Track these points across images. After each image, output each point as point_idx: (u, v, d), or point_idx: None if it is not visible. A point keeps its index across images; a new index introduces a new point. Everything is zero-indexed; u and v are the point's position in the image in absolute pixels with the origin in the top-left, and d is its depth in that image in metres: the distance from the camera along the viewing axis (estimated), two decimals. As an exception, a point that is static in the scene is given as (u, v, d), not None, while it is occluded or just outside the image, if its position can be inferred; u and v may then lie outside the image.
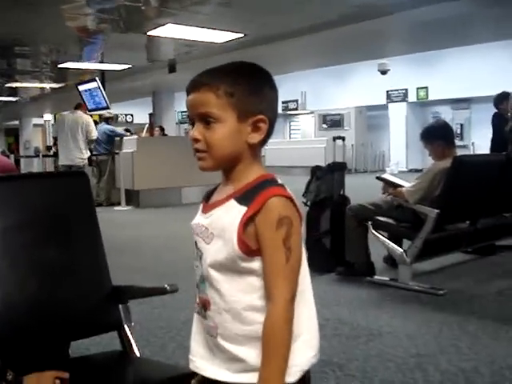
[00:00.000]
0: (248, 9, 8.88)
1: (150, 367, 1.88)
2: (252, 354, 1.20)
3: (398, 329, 3.55)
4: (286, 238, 1.17)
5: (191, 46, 11.26)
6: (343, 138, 18.29)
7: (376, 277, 4.67)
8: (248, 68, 1.28)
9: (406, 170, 19.18)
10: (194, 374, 1.36)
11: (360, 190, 7.61)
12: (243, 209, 1.20)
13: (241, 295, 1.21)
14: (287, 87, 22.44)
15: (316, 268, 4.94)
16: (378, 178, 4.98)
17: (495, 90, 8.00)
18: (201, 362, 1.29)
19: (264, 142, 1.27)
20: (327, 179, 5.03)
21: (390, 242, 4.57)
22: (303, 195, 5.06)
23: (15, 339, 1.80)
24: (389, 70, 16.96)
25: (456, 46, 13.99)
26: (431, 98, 20.00)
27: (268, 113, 1.25)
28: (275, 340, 1.16)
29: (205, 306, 1.26)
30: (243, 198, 1.21)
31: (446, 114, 19.31)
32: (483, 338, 3.33)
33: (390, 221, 4.63)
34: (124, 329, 1.97)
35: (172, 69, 12.80)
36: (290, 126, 26.02)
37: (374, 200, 4.83)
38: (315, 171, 5.09)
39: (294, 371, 1.20)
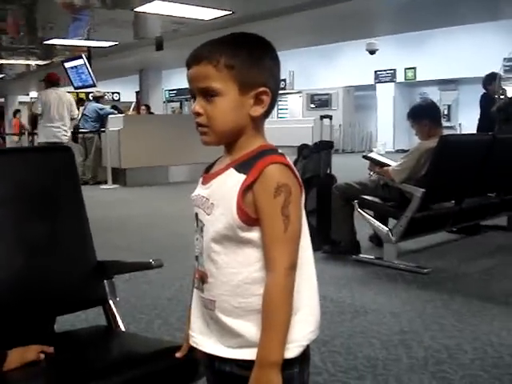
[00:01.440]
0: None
1: (135, 341, 1.88)
2: (250, 329, 1.19)
3: (382, 306, 3.58)
4: (284, 206, 1.15)
5: (179, 23, 11.17)
6: (330, 117, 18.24)
7: (361, 255, 4.69)
8: (248, 39, 1.25)
9: (392, 150, 19.22)
10: (177, 348, 1.37)
11: (347, 169, 7.63)
12: (242, 177, 1.18)
13: (240, 267, 1.19)
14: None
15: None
16: (364, 156, 4.99)
17: (483, 71, 8.02)
18: (199, 337, 1.28)
19: (267, 114, 1.24)
20: (314, 158, 5.03)
21: (376, 221, 4.59)
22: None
23: (1, 313, 1.79)
24: (377, 49, 16.92)
25: (444, 27, 13.98)
26: (419, 78, 20.01)
27: (270, 84, 1.22)
28: (275, 309, 1.15)
29: (203, 278, 1.25)
30: (242, 166, 1.20)
31: (434, 95, 19.30)
32: (467, 316, 3.37)
33: (376, 200, 4.64)
34: (109, 304, 1.97)
35: (159, 46, 12.69)
36: (277, 106, 25.93)
37: (360, 179, 4.84)
38: (302, 150, 5.09)
39: (293, 346, 1.19)
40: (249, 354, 1.18)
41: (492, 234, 5.62)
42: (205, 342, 1.27)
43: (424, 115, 4.68)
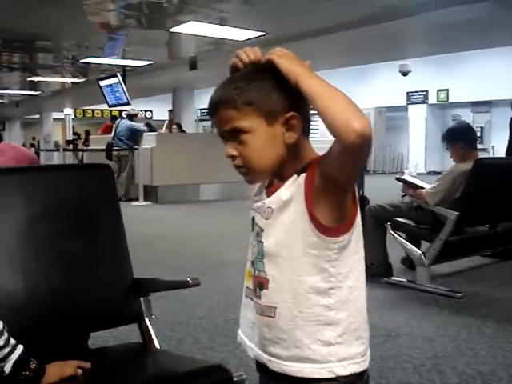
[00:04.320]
0: (269, 7, 8.89)
1: (170, 360, 1.89)
2: (307, 341, 1.17)
3: (415, 330, 3.54)
4: None
5: (212, 43, 11.30)
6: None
7: (393, 278, 4.65)
8: (257, 69, 1.21)
9: (424, 172, 19.07)
10: (212, 368, 1.37)
11: (379, 190, 7.60)
12: (303, 175, 1.15)
13: (305, 275, 1.16)
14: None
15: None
16: (397, 179, 4.96)
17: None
18: (252, 347, 1.27)
19: (305, 134, 1.21)
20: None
21: (409, 244, 4.55)
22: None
23: (38, 329, 1.82)
24: (410, 71, 16.89)
25: (478, 49, 13.90)
26: (451, 100, 19.88)
27: (296, 106, 1.18)
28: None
29: (262, 284, 1.21)
30: (300, 171, 1.17)
31: (466, 117, 19.16)
32: (501, 342, 3.31)
33: (409, 222, 4.61)
34: (145, 321, 1.98)
35: (193, 66, 12.85)
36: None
37: (392, 201, 4.82)
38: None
39: (346, 364, 1.17)
40: (299, 369, 1.17)
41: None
42: (257, 352, 1.25)
43: (459, 138, 4.65)
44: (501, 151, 14.17)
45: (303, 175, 1.16)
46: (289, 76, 1.12)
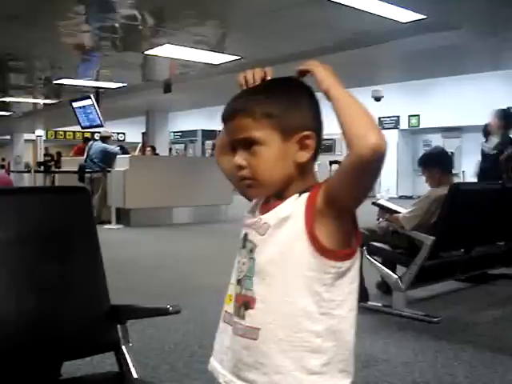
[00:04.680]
0: (245, 32, 8.94)
1: (149, 390, 1.83)
2: (290, 367, 1.12)
3: (393, 356, 3.51)
4: None
5: (187, 66, 11.31)
6: (339, 162, 18.36)
7: (370, 303, 4.63)
8: (281, 83, 1.23)
9: (396, 196, 19.21)
10: None
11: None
12: (304, 195, 1.14)
13: (296, 296, 1.12)
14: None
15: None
16: (373, 203, 4.96)
17: (486, 120, 8.05)
18: (225, 373, 1.23)
19: (315, 157, 1.20)
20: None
21: (385, 268, 4.54)
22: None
23: (10, 357, 1.75)
24: (382, 96, 17.09)
25: (450, 75, 14.14)
26: (423, 125, 20.16)
27: (313, 126, 1.19)
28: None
29: (247, 304, 1.16)
30: (302, 192, 1.16)
31: (437, 142, 19.41)
32: (479, 367, 3.30)
33: (385, 246, 4.61)
34: (122, 350, 1.92)
35: (167, 89, 12.83)
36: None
37: (368, 225, 4.81)
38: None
39: None
40: None
41: (501, 282, 5.56)
42: (229, 377, 1.21)
43: (435, 163, 4.68)
44: (471, 176, 14.40)
45: (305, 195, 1.14)
46: (321, 83, 1.14)
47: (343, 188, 1.08)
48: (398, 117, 20.68)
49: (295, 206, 1.14)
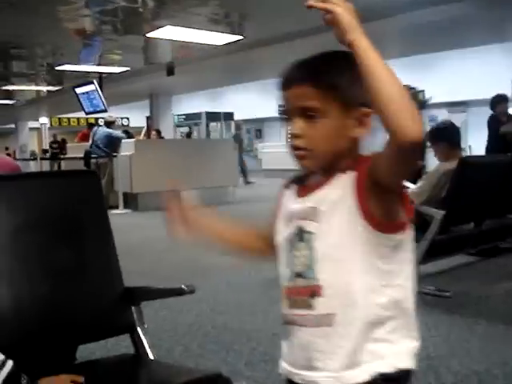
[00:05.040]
0: (246, 11, 8.87)
1: (167, 371, 1.83)
2: (365, 343, 1.13)
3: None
4: None
5: (190, 48, 11.24)
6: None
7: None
8: (346, 57, 1.14)
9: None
10: (206, 378, 1.31)
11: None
12: (352, 173, 1.12)
13: (359, 273, 1.13)
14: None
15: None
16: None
17: (491, 93, 7.98)
18: (298, 371, 1.21)
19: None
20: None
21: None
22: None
23: (27, 343, 1.75)
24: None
25: (453, 49, 14.00)
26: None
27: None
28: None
29: (314, 293, 1.16)
30: (348, 168, 1.14)
31: (443, 117, 19.29)
32: (493, 340, 3.30)
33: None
34: (137, 331, 1.92)
35: (170, 72, 12.76)
36: (286, 130, 26.01)
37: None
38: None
39: (401, 358, 1.16)
40: (362, 374, 1.13)
41: (505, 256, 5.54)
42: (303, 374, 1.20)
43: (442, 137, 4.64)
44: (477, 150, 14.32)
45: (352, 174, 1.13)
46: (347, 33, 1.04)
47: (385, 171, 1.06)
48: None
49: (343, 185, 1.13)
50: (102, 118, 12.68)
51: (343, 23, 1.04)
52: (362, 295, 1.13)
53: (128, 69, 13.50)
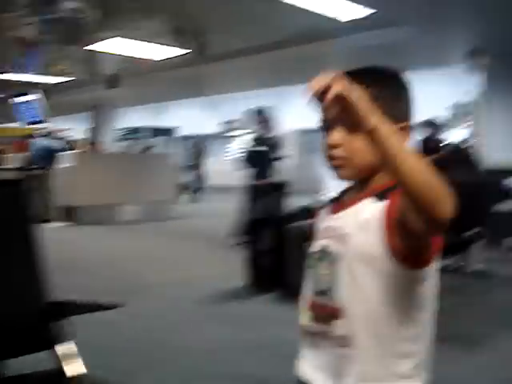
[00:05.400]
0: (194, 26, 8.87)
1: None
2: (383, 374, 1.13)
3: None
4: None
5: (135, 60, 11.16)
6: (283, 158, 18.28)
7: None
8: (389, 72, 1.22)
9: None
10: None
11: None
12: (383, 203, 1.10)
13: (380, 304, 1.12)
14: (228, 107, 22.51)
15: (255, 288, 4.91)
16: (318, 197, 5.01)
17: (430, 115, 8.20)
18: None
19: None
20: (267, 198, 5.02)
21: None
22: (242, 214, 5.03)
23: None
24: (329, 93, 17.23)
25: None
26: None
27: (408, 119, 1.20)
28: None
29: (335, 314, 1.16)
30: (380, 195, 1.12)
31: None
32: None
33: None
34: (60, 347, 1.87)
35: (114, 84, 12.63)
36: (229, 146, 26.07)
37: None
38: (255, 190, 5.08)
39: None
40: None
41: (442, 275, 5.66)
42: None
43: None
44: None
45: (383, 202, 1.11)
46: (367, 118, 0.97)
47: (412, 222, 1.01)
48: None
49: (375, 211, 1.11)
50: (41, 128, 12.38)
51: (361, 109, 0.97)
52: (382, 325, 1.13)
53: (71, 79, 13.29)
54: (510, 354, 3.55)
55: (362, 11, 7.28)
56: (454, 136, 9.65)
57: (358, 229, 1.13)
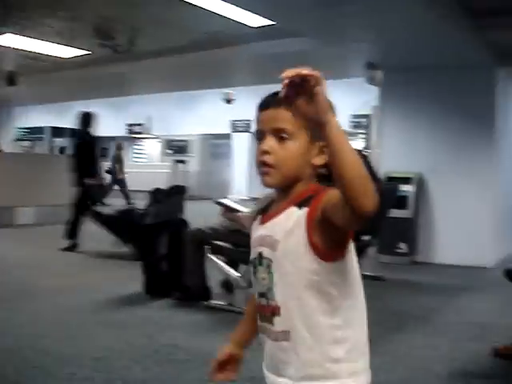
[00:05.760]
0: (97, 26, 8.70)
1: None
2: (319, 360, 1.25)
3: (231, 353, 3.54)
4: None
5: (34, 58, 10.79)
6: (184, 162, 18.14)
7: (213, 301, 4.67)
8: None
9: (247, 198, 19.61)
10: None
11: (201, 215, 7.62)
12: (304, 210, 1.24)
13: (310, 299, 1.26)
14: (133, 110, 22.19)
15: (152, 293, 4.86)
16: (216, 202, 5.02)
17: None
18: (268, 375, 1.36)
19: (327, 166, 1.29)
20: (166, 202, 4.98)
21: (226, 267, 4.60)
22: (142, 218, 4.97)
23: None
24: (234, 99, 17.34)
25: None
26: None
27: None
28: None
29: (274, 312, 1.30)
30: (302, 203, 1.25)
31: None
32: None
33: (228, 245, 4.66)
34: None
35: (11, 81, 12.12)
36: (133, 150, 25.72)
37: (212, 225, 4.85)
38: (155, 194, 5.03)
39: (355, 378, 1.28)
40: None
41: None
42: (272, 378, 1.34)
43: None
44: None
45: (305, 209, 1.25)
46: (323, 113, 1.11)
47: (338, 217, 1.16)
48: (250, 120, 21.10)
49: (296, 219, 1.25)
50: None
51: (321, 102, 1.11)
52: (314, 318, 1.26)
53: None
54: (402, 355, 3.69)
55: (266, 21, 7.37)
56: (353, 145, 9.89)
57: (285, 235, 1.27)
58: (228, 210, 4.83)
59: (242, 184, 20.86)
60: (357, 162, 1.09)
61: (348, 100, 16.30)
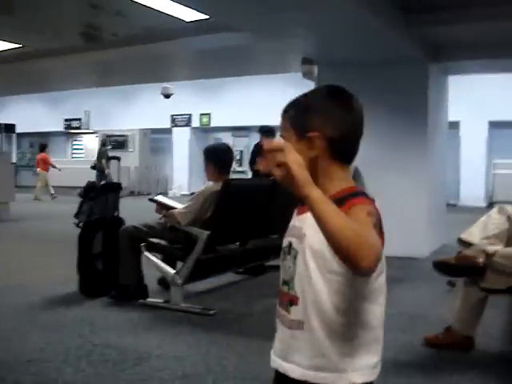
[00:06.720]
0: (29, 19, 8.44)
1: None
2: (328, 352, 1.31)
3: (166, 351, 3.53)
4: (375, 225, 1.23)
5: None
6: (118, 158, 17.69)
7: (149, 299, 4.62)
8: (320, 88, 1.45)
9: (188, 193, 19.50)
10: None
11: (138, 212, 7.54)
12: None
13: (327, 296, 1.30)
14: (70, 105, 21.73)
15: (88, 292, 4.77)
16: (150, 199, 4.96)
17: (273, 121, 8.46)
18: (275, 358, 1.41)
19: (337, 158, 1.36)
20: (100, 200, 4.89)
21: (162, 264, 4.56)
22: (75, 216, 4.87)
23: None
24: (172, 94, 17.18)
25: (238, 76, 14.63)
26: (214, 124, 20.65)
27: (327, 129, 1.34)
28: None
29: (292, 301, 1.36)
30: (335, 202, 1.22)
31: (228, 141, 19.97)
32: (248, 356, 3.43)
33: (163, 242, 4.62)
34: None
35: None
36: (72, 146, 25.20)
37: (147, 222, 4.79)
38: (88, 191, 4.93)
39: (359, 373, 1.32)
40: (324, 378, 1.32)
41: (276, 273, 5.83)
42: (278, 362, 1.40)
43: (211, 158, 4.77)
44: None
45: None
46: (302, 187, 1.15)
47: None
48: (190, 115, 20.95)
49: None
50: None
51: (298, 179, 1.15)
52: (328, 314, 1.31)
53: None
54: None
55: (200, 15, 7.32)
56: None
57: (313, 231, 1.25)
58: (162, 207, 4.79)
59: (183, 179, 20.74)
60: (342, 228, 1.12)
61: (287, 95, 16.42)
